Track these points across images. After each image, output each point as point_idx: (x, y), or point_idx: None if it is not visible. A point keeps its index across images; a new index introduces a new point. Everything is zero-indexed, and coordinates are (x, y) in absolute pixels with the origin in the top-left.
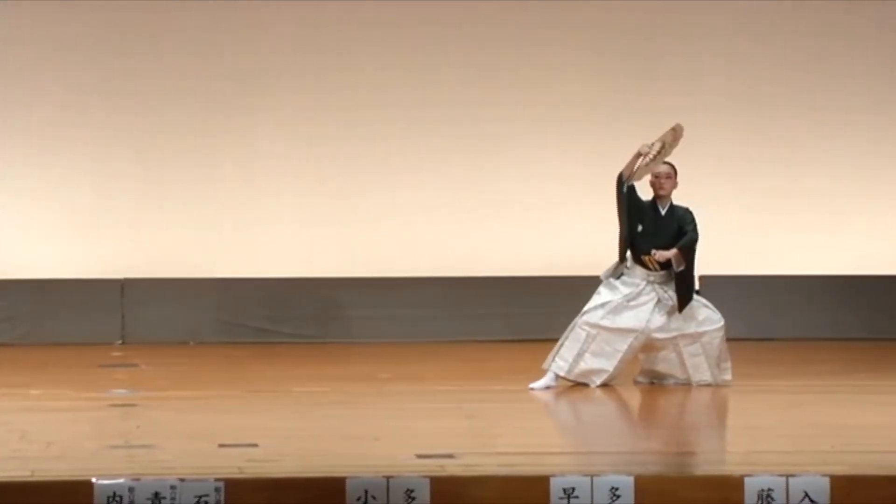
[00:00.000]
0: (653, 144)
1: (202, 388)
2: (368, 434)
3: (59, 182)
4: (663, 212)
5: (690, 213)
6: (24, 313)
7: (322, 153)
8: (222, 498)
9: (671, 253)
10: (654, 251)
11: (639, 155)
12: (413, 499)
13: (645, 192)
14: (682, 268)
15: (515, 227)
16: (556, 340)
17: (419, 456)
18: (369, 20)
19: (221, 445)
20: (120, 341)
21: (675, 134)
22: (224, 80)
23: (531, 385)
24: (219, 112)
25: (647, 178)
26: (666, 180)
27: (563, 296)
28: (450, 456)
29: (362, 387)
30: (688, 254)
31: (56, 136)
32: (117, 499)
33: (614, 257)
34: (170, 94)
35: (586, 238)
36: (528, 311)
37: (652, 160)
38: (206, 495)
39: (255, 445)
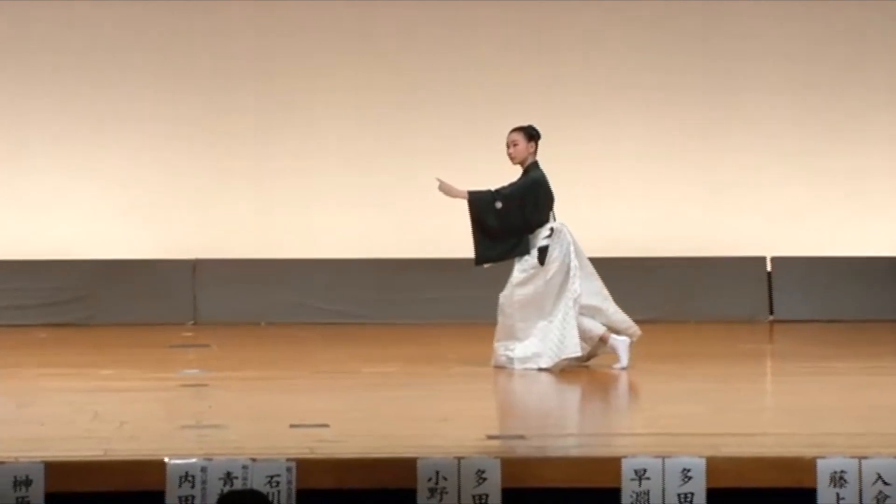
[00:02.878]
0: None
1: (272, 368)
2: (438, 415)
3: (130, 164)
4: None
5: (530, 177)
6: (94, 294)
7: (385, 134)
8: (293, 478)
9: (451, 187)
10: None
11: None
12: (484, 480)
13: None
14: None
15: (576, 209)
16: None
17: (490, 437)
18: (426, 1)
19: (292, 426)
20: (192, 322)
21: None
22: (285, 61)
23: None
24: (281, 92)
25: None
26: (512, 149)
27: (624, 276)
28: (521, 437)
29: (430, 368)
30: (476, 203)
31: (125, 119)
32: (189, 479)
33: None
34: (233, 75)
35: (641, 220)
36: None
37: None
38: (278, 475)
39: (326, 426)
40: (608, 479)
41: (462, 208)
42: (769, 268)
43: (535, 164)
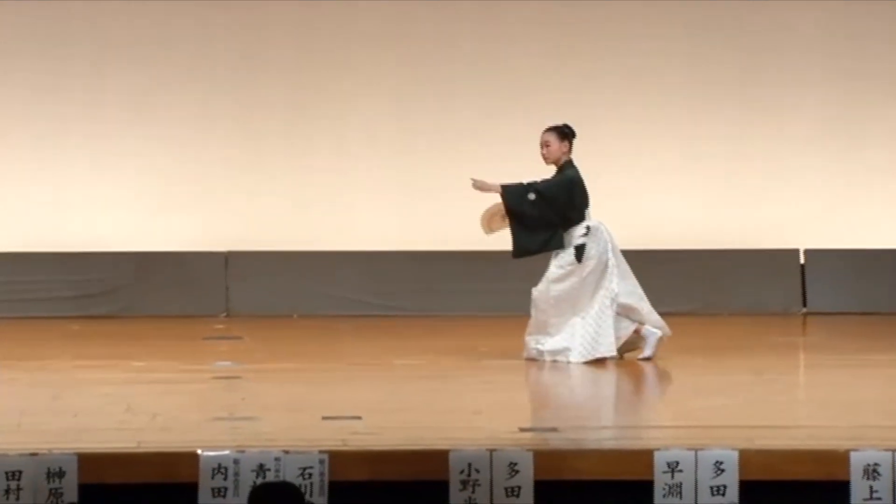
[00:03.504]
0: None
1: (305, 360)
2: (470, 407)
3: (164, 157)
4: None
5: (565, 175)
6: (127, 286)
7: (421, 126)
8: (326, 470)
9: (485, 182)
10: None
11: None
12: (516, 472)
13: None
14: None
15: (610, 202)
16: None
17: (522, 429)
18: None
19: (325, 418)
20: (224, 314)
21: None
22: (319, 54)
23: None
24: (315, 84)
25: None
26: (545, 150)
27: (657, 269)
28: (553, 429)
29: (462, 360)
30: (509, 194)
31: (160, 112)
32: (222, 470)
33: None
34: (267, 68)
35: (674, 212)
36: None
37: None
38: (310, 467)
39: (359, 418)
40: (641, 472)
41: (484, 196)
42: (802, 260)
43: (570, 163)
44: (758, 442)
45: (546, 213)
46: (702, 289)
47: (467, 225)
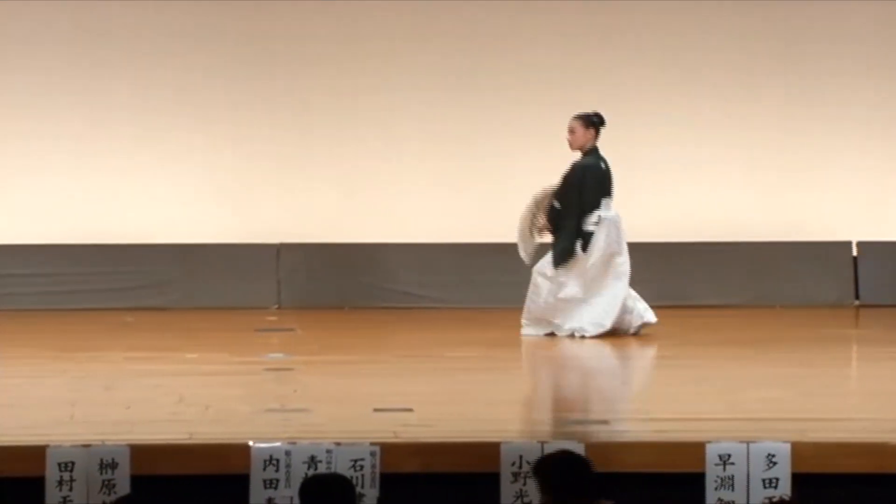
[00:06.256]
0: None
1: (356, 352)
2: (521, 399)
3: (216, 149)
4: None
5: (579, 167)
6: (178, 278)
7: (469, 118)
8: (377, 462)
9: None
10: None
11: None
12: None
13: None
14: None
15: (661, 194)
16: (698, 307)
17: (574, 421)
18: None
19: (376, 410)
20: (276, 306)
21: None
22: (365, 44)
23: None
24: (364, 77)
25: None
26: (570, 136)
27: (709, 261)
28: (604, 422)
29: (514, 352)
30: (550, 217)
31: (210, 104)
32: (274, 462)
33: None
34: (313, 59)
35: (726, 204)
36: (672, 276)
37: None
38: (362, 459)
39: (410, 410)
40: (692, 464)
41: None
42: (855, 252)
43: (593, 151)
44: (810, 434)
45: (565, 220)
46: (753, 281)
47: (516, 216)
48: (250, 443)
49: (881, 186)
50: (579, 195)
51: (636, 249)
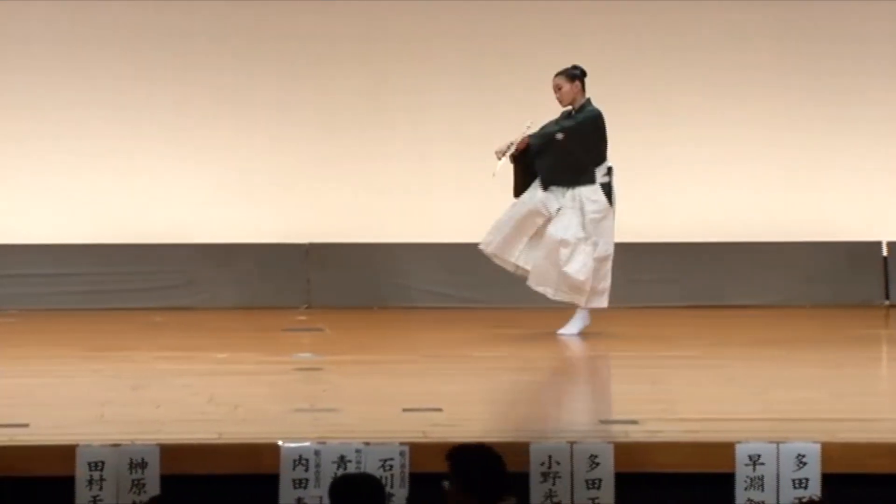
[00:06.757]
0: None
1: (385, 352)
2: (550, 399)
3: (245, 148)
4: (574, 114)
5: (589, 111)
6: (207, 278)
7: (497, 116)
8: (406, 462)
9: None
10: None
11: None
12: (597, 465)
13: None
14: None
15: (688, 193)
16: (728, 307)
17: (603, 421)
18: None
19: (405, 409)
20: (305, 306)
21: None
22: (394, 44)
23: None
24: (393, 77)
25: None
26: (557, 94)
27: (738, 260)
28: (633, 422)
29: (542, 352)
30: (535, 137)
31: (240, 103)
32: (303, 462)
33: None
34: (346, 59)
35: (756, 204)
36: (702, 276)
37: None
38: (391, 459)
39: (439, 410)
40: (722, 465)
41: None
42: (885, 252)
43: (588, 101)
44: (840, 435)
45: (576, 149)
46: (783, 281)
47: None
48: (280, 442)
49: None
50: (600, 143)
51: (667, 250)
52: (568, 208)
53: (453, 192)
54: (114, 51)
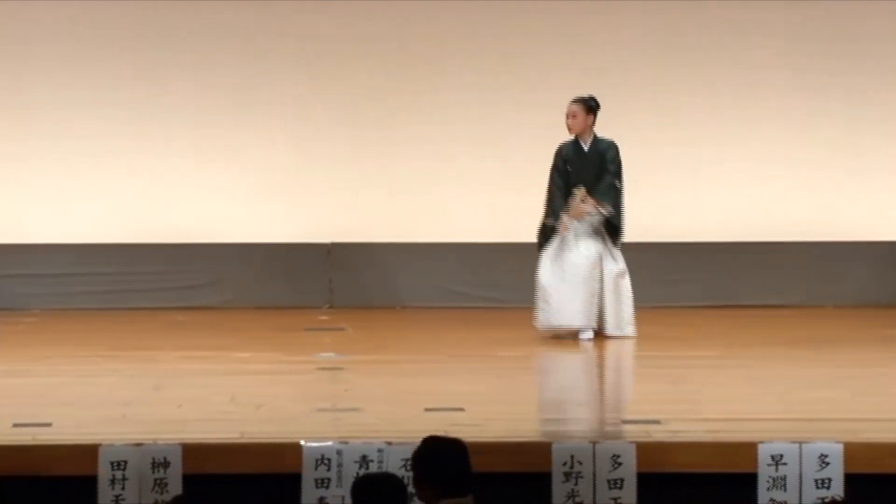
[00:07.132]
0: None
1: (407, 352)
2: (572, 399)
3: (267, 148)
4: (586, 148)
5: (613, 147)
6: (230, 277)
7: (521, 116)
8: None
9: (586, 205)
10: (577, 204)
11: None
12: (619, 464)
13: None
14: (603, 211)
15: (713, 192)
16: (750, 307)
17: (625, 421)
18: None
19: (427, 409)
20: (327, 305)
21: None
22: (416, 45)
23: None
24: (415, 77)
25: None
26: (571, 120)
27: (761, 260)
28: (656, 422)
29: (565, 352)
30: (605, 196)
31: (262, 104)
32: (325, 461)
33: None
34: (368, 59)
35: (780, 204)
36: (724, 276)
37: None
38: None
39: (461, 409)
40: (744, 465)
41: None
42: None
43: (595, 134)
44: (863, 435)
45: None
46: (806, 281)
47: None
48: (302, 442)
49: None
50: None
51: (689, 249)
52: (584, 233)
53: (475, 192)
54: (135, 52)
